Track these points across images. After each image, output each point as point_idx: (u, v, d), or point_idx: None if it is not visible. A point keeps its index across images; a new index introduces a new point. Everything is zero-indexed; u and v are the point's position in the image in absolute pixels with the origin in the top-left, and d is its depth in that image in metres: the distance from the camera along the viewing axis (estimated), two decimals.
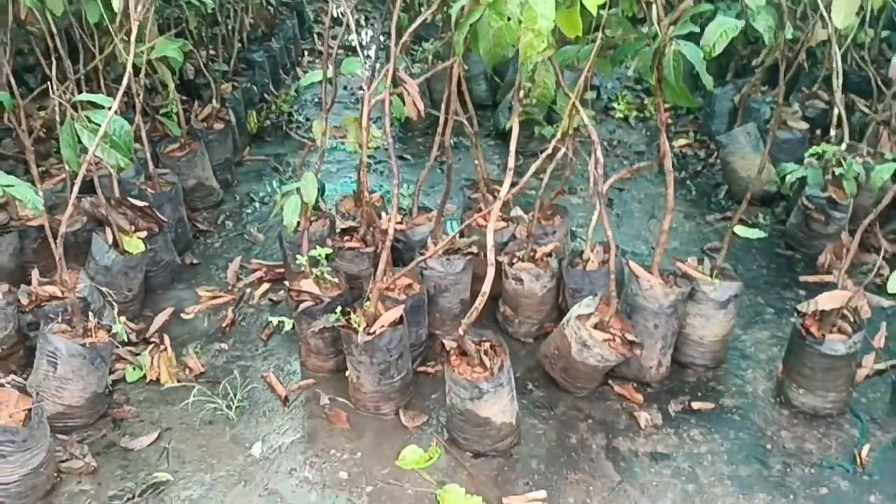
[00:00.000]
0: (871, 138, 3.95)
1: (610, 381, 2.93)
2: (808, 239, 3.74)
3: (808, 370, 2.69)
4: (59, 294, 2.89)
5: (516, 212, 3.51)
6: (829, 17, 2.27)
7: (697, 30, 2.42)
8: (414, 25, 2.53)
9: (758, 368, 3.03)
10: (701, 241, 3.99)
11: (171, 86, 3.82)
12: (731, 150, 4.29)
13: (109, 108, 2.45)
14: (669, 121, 5.48)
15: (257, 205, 4.37)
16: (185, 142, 4.11)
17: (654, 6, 2.43)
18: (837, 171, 3.50)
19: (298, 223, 2.88)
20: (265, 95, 5.53)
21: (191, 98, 4.72)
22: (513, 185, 2.39)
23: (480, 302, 2.28)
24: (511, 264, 3.14)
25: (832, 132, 3.70)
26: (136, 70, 3.62)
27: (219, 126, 4.44)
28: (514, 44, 1.67)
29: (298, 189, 2.76)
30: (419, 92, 2.59)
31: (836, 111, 3.66)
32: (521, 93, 2.52)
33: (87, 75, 3.72)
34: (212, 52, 4.86)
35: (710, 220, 4.19)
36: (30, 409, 2.33)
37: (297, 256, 2.94)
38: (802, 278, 3.57)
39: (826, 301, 2.62)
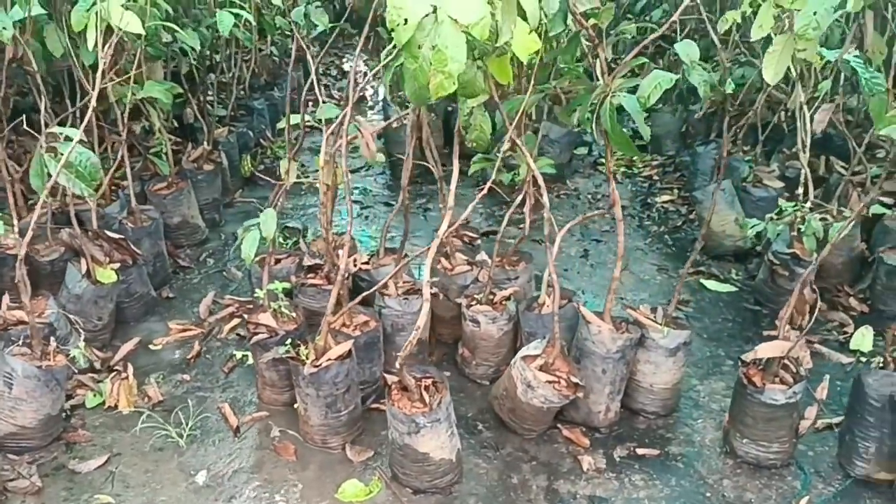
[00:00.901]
0: (842, 198, 4.00)
1: (559, 425, 2.95)
2: (774, 294, 3.76)
3: (751, 419, 2.70)
4: (26, 319, 2.98)
5: (482, 256, 3.58)
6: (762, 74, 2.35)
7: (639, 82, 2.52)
8: (371, 74, 2.65)
9: (709, 418, 3.03)
10: (670, 293, 4.00)
11: (158, 125, 3.97)
12: (706, 206, 4.35)
13: (80, 141, 2.58)
14: (656, 177, 5.57)
15: None
16: (172, 181, 4.26)
17: (598, 60, 2.53)
18: (801, 227, 3.55)
19: (263, 257, 2.98)
20: (261, 141, 5.70)
21: (186, 140, 4.90)
22: (449, 225, 2.45)
23: (415, 336, 2.34)
24: (469, 307, 3.20)
25: (800, 190, 3.76)
26: (134, 110, 3.84)
27: (209, 167, 4.59)
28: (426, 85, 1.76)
29: (258, 224, 2.85)
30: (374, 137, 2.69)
31: (803, 171, 3.73)
32: (466, 135, 2.62)
33: (81, 112, 3.88)
34: (212, 97, 5.06)
35: (681, 272, 4.22)
36: None
37: (256, 290, 3.02)
38: (765, 332, 3.58)
39: (766, 350, 2.65)
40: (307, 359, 2.72)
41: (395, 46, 2.05)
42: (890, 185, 4.01)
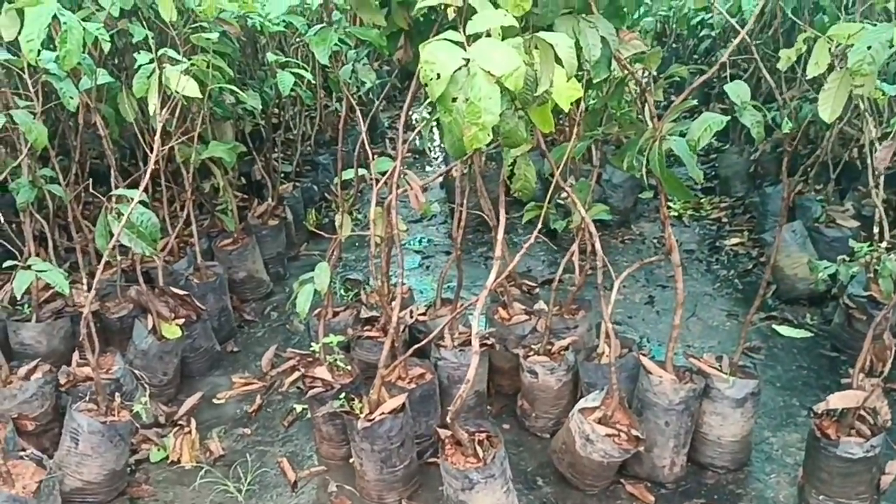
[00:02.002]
0: None
1: (622, 480, 2.84)
2: (852, 339, 3.57)
3: (827, 475, 2.54)
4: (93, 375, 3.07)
5: (540, 305, 3.52)
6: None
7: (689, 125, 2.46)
8: (413, 133, 2.67)
9: (782, 473, 2.87)
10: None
11: (222, 184, 4.10)
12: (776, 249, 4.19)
13: (144, 202, 2.69)
14: (724, 219, 5.42)
15: None
16: (238, 236, 4.37)
17: (646, 105, 2.49)
18: (878, 268, 3.37)
19: (321, 310, 3.00)
20: (326, 195, 5.81)
21: (253, 196, 5.04)
22: (498, 275, 2.42)
23: (464, 390, 2.30)
24: (526, 357, 3.14)
25: (875, 230, 3.60)
26: (204, 169, 3.99)
27: (273, 222, 4.70)
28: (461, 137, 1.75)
29: (313, 279, 2.89)
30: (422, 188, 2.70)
31: (877, 209, 3.57)
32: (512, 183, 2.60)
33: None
34: (278, 153, 5.21)
35: (753, 319, 4.05)
36: (41, 482, 2.47)
37: (312, 344, 3.04)
38: (843, 380, 3.38)
39: (839, 400, 2.50)
40: (361, 413, 2.71)
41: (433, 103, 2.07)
42: None
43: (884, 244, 3.44)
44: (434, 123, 2.33)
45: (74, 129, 3.74)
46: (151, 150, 4.01)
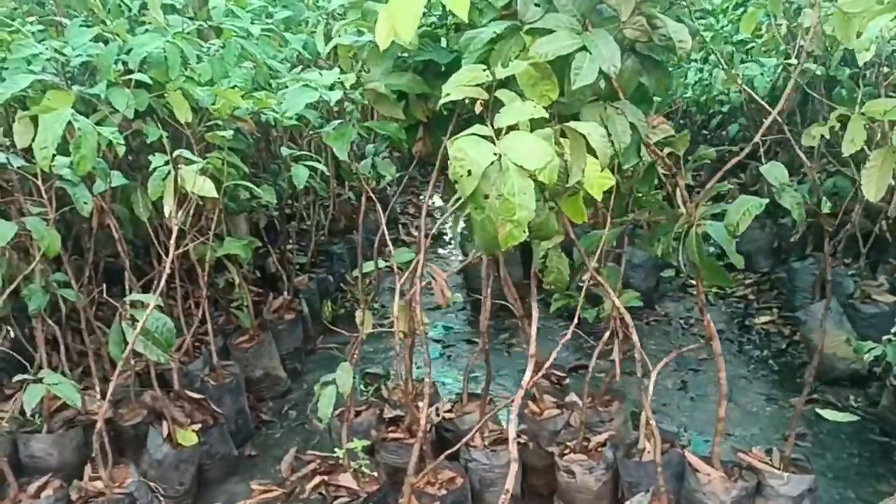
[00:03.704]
0: None
1: None
2: None
3: None
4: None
5: (571, 397, 3.36)
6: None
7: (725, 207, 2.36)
8: (439, 222, 2.59)
9: None
10: (783, 425, 3.67)
11: (238, 280, 4.01)
12: (811, 327, 4.04)
13: (159, 306, 2.59)
14: (751, 296, 5.28)
15: None
16: (254, 333, 4.25)
17: (678, 189, 2.40)
18: None
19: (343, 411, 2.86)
20: (342, 285, 5.72)
21: (269, 289, 4.95)
22: (535, 372, 2.29)
23: (503, 500, 2.13)
24: (562, 455, 2.97)
25: None
26: (218, 264, 3.91)
27: (289, 317, 4.59)
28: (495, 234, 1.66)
29: (335, 380, 2.76)
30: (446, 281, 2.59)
31: None
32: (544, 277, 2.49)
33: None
34: (293, 244, 5.14)
35: (794, 402, 3.87)
36: None
37: (336, 449, 2.89)
38: None
39: None
40: None
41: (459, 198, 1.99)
42: None
43: None
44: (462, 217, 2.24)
45: (88, 231, 3.68)
46: (166, 251, 3.98)
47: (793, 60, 3.68)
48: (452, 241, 7.07)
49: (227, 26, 3.60)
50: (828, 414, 3.66)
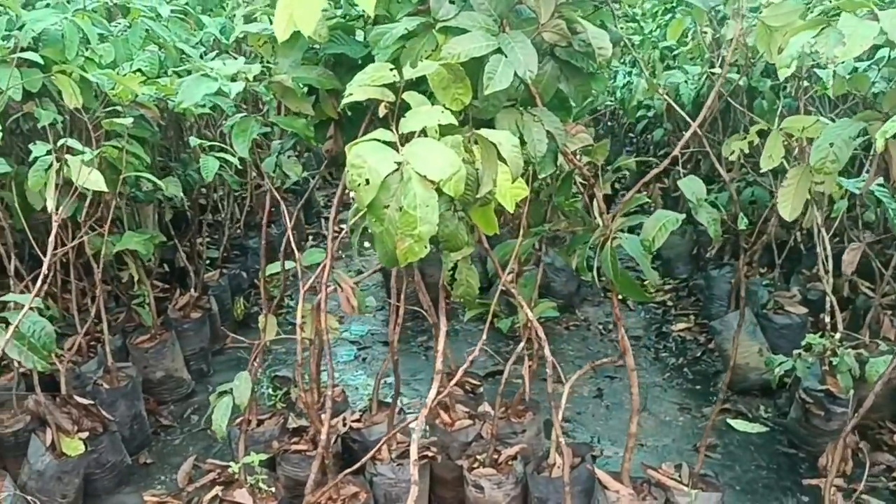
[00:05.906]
0: (873, 323, 3.69)
1: None
2: (810, 436, 3.41)
3: None
4: None
5: (485, 407, 3.27)
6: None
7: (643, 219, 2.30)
8: (350, 222, 2.45)
9: None
10: (696, 436, 3.66)
11: (137, 276, 3.78)
12: (725, 337, 4.05)
13: (31, 307, 2.36)
14: (669, 303, 5.30)
15: None
16: (156, 332, 4.02)
17: (595, 200, 2.32)
18: (834, 361, 3.23)
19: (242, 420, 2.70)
20: (256, 281, 5.49)
21: (175, 285, 4.70)
22: (439, 392, 2.17)
23: None
24: (471, 469, 2.87)
25: (827, 319, 3.48)
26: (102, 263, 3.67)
27: (196, 315, 4.36)
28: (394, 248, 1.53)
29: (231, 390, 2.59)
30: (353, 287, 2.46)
31: (828, 298, 3.47)
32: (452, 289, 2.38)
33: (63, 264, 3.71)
34: (204, 237, 4.90)
35: (706, 412, 3.88)
36: None
37: (232, 463, 2.72)
38: (805, 482, 3.20)
39: None
40: None
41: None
42: None
43: (837, 335, 3.30)
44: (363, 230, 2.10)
45: None
46: (61, 242, 3.71)
47: (717, 70, 3.66)
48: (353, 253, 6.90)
49: (134, 5, 3.37)
50: (738, 424, 3.66)
